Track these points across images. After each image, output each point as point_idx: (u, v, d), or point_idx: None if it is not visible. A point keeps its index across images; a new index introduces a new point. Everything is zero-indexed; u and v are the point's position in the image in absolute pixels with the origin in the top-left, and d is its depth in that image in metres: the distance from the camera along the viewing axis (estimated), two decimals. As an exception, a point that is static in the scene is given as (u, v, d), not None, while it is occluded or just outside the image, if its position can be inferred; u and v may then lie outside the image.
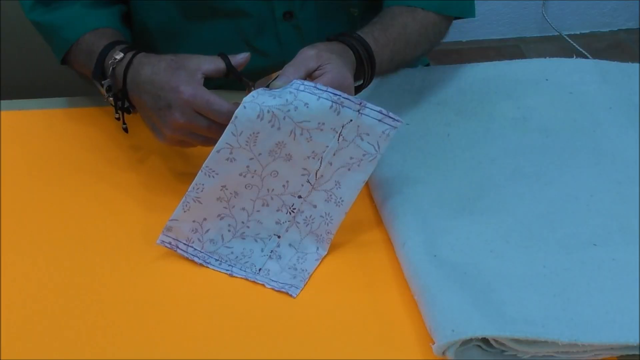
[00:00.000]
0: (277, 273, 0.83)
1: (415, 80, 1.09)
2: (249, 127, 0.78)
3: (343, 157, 0.82)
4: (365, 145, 0.81)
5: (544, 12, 2.53)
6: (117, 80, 0.91)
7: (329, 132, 0.80)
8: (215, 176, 0.81)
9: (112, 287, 0.81)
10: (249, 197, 0.83)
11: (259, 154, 0.80)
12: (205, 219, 0.83)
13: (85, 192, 0.93)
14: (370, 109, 0.80)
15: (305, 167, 0.82)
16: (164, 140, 0.88)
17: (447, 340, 0.71)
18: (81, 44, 0.98)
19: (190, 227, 0.83)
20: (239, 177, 0.81)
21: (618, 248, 0.82)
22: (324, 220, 0.84)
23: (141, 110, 0.91)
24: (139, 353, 0.75)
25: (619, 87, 1.07)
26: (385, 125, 0.81)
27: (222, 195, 0.82)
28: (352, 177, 0.83)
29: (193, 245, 0.83)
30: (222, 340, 0.76)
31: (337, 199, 0.83)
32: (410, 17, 0.99)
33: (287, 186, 0.83)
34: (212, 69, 0.86)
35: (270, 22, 1.04)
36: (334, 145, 0.81)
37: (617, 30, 2.63)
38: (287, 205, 0.84)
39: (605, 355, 0.73)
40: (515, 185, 0.90)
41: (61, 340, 0.76)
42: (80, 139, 1.01)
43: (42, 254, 0.85)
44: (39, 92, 1.14)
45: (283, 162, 0.81)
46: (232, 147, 0.79)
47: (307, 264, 0.83)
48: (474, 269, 0.79)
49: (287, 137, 0.80)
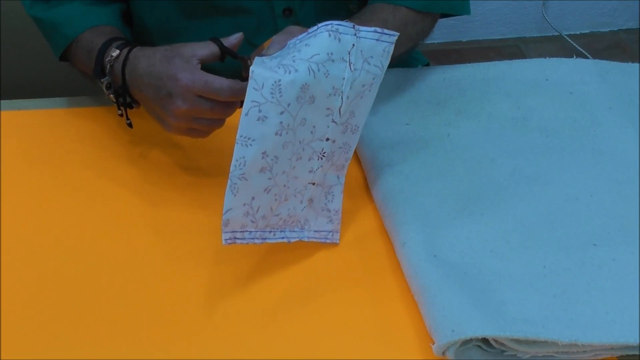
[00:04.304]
0: (314, 220, 0.85)
1: (415, 80, 1.09)
2: (269, 76, 0.76)
3: (357, 87, 0.81)
4: (372, 68, 0.81)
5: (544, 12, 2.53)
6: (116, 77, 0.91)
7: (340, 63, 0.79)
8: (252, 143, 0.77)
9: (115, 286, 0.81)
10: (287, 157, 0.80)
11: (288, 104, 0.77)
12: (253, 198, 0.79)
13: (85, 192, 0.93)
14: (365, 31, 0.80)
15: (329, 107, 0.81)
16: (170, 129, 0.88)
17: (447, 340, 0.71)
18: (81, 42, 0.98)
19: (243, 211, 0.79)
20: (275, 137, 0.78)
21: (618, 248, 0.82)
22: (342, 150, 0.85)
23: (144, 104, 0.91)
24: (139, 352, 0.75)
25: (619, 87, 1.07)
26: (384, 43, 0.81)
27: (264, 165, 0.78)
28: (363, 103, 0.83)
29: (248, 229, 0.80)
30: (221, 340, 0.76)
31: (352, 127, 0.84)
32: (391, 14, 0.99)
33: (314, 132, 0.81)
34: (207, 53, 0.86)
35: (269, 19, 1.04)
36: (349, 75, 0.80)
37: (617, 30, 2.63)
38: (318, 152, 0.83)
39: (605, 355, 0.73)
40: (515, 185, 0.90)
41: (61, 340, 0.76)
42: (81, 139, 1.01)
43: (43, 254, 0.85)
44: (39, 92, 1.14)
45: (307, 107, 0.79)
46: (259, 103, 0.76)
47: (335, 202, 0.86)
48: (474, 269, 0.79)
49: (308, 77, 0.78)
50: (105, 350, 0.75)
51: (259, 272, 0.83)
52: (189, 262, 0.84)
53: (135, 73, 0.88)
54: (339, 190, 0.86)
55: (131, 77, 0.89)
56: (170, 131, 0.88)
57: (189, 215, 0.90)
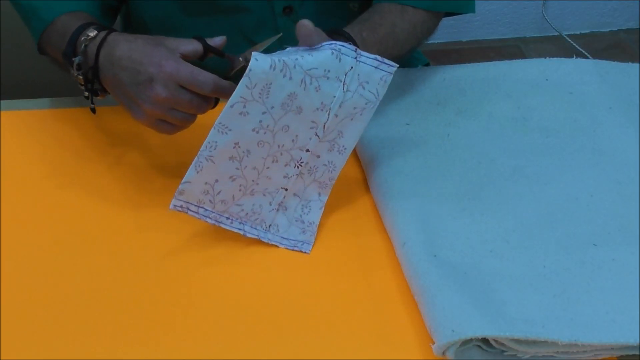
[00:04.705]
0: (285, 227, 0.85)
1: (415, 80, 1.09)
2: (263, 78, 0.78)
3: (347, 108, 0.83)
4: (367, 94, 0.83)
5: (544, 12, 2.53)
6: (88, 58, 0.89)
7: (334, 81, 0.82)
8: (229, 132, 0.80)
9: (111, 286, 0.81)
10: (261, 155, 0.83)
11: (272, 107, 0.80)
12: (217, 181, 0.82)
13: (85, 192, 0.93)
14: (365, 57, 0.83)
15: (314, 120, 0.83)
16: (141, 117, 0.86)
17: (447, 340, 0.71)
18: (56, 24, 0.96)
19: (202, 189, 0.82)
20: (251, 132, 0.80)
21: (618, 248, 0.82)
22: (327, 168, 0.86)
23: (115, 89, 0.88)
24: (139, 352, 0.75)
25: (619, 87, 1.07)
26: (382, 72, 0.83)
27: (234, 154, 0.81)
28: (354, 126, 0.85)
29: (204, 206, 0.83)
30: (221, 340, 0.76)
31: (339, 147, 0.86)
32: (399, 17, 0.99)
33: (296, 141, 0.84)
34: (190, 49, 0.86)
35: (269, 18, 1.04)
36: (340, 95, 0.82)
37: (617, 30, 2.63)
38: (296, 160, 0.85)
39: (605, 355, 0.73)
40: (515, 185, 0.90)
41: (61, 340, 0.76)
42: (81, 139, 1.01)
43: (42, 254, 0.85)
44: (39, 92, 1.14)
45: (294, 116, 0.82)
46: (245, 100, 0.78)
47: (312, 215, 0.86)
48: (474, 269, 0.79)
49: (298, 87, 0.80)
50: (105, 350, 0.75)
51: (255, 272, 0.83)
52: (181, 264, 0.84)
53: (111, 56, 0.86)
54: (318, 206, 0.87)
55: (106, 61, 0.87)
56: (139, 119, 0.86)
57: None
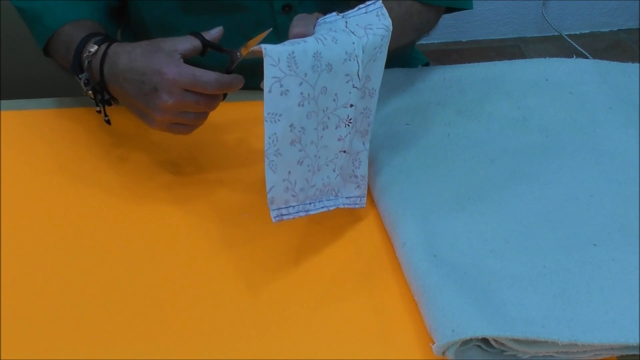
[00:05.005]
0: (344, 187, 0.86)
1: (415, 80, 1.09)
2: (281, 51, 0.77)
3: (369, 50, 0.82)
4: (378, 31, 0.82)
5: (544, 12, 2.53)
6: (94, 73, 0.90)
7: (342, 33, 0.81)
8: (280, 118, 0.78)
9: (114, 284, 0.81)
10: (312, 126, 0.81)
11: (305, 74, 0.78)
12: (290, 172, 0.81)
13: (85, 192, 0.93)
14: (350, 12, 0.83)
15: (347, 73, 0.81)
16: (154, 125, 0.87)
17: (447, 340, 0.71)
18: (61, 35, 0.97)
19: (283, 187, 0.81)
20: (298, 108, 0.79)
21: (618, 248, 0.82)
22: (364, 115, 0.86)
23: (124, 100, 0.90)
24: (139, 352, 0.75)
25: (619, 87, 1.07)
26: (373, 9, 0.83)
27: (293, 138, 0.80)
28: (377, 66, 0.84)
29: (291, 204, 0.82)
30: (221, 340, 0.76)
31: (370, 91, 0.85)
32: (396, 3, 1.00)
33: (337, 99, 0.82)
34: (189, 47, 0.86)
35: (269, 16, 1.04)
36: (357, 40, 0.81)
37: (617, 30, 2.64)
38: (343, 119, 0.83)
39: (605, 355, 0.73)
40: (515, 185, 0.90)
41: (61, 339, 0.76)
42: (81, 139, 1.01)
43: (42, 254, 0.85)
44: (39, 92, 1.14)
45: (327, 75, 0.80)
46: (279, 78, 0.77)
47: (362, 168, 0.87)
48: (474, 269, 0.79)
49: (318, 45, 0.79)
50: (106, 350, 0.75)
51: (256, 271, 0.83)
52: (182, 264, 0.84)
53: (115, 69, 0.87)
54: (365, 156, 0.88)
55: (110, 74, 0.88)
56: (153, 126, 0.87)
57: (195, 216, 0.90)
